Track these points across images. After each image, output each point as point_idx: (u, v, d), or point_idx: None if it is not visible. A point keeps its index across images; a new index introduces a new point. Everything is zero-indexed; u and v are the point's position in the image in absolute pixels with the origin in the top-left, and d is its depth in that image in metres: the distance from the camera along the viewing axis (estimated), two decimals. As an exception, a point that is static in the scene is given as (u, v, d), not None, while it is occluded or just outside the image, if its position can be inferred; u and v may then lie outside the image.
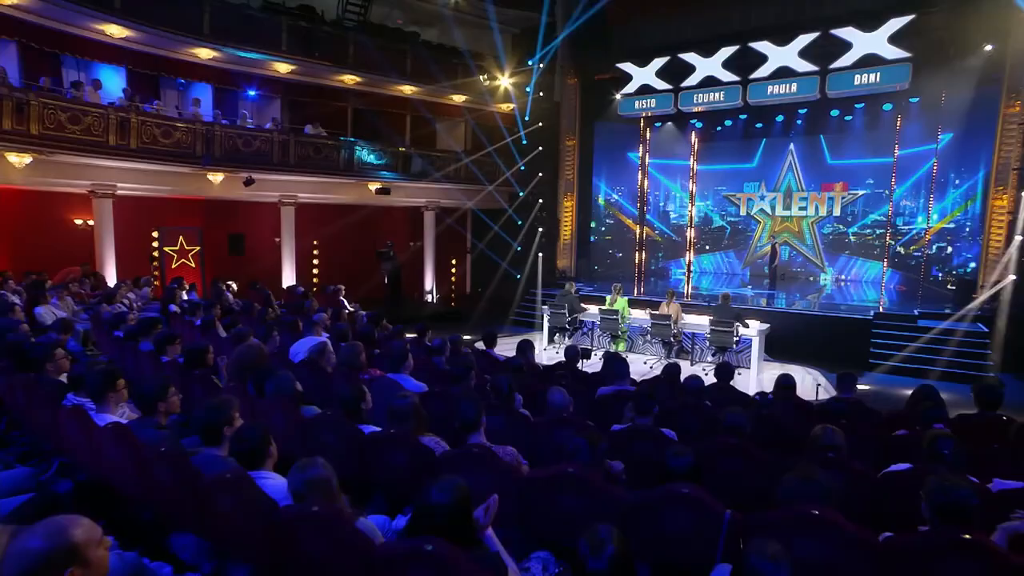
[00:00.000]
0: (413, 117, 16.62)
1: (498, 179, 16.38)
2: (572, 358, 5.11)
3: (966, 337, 9.68)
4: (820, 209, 15.83)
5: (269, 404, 3.16)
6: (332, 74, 14.31)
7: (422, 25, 16.33)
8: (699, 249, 17.54)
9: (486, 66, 16.03)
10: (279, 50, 12.74)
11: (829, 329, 10.24)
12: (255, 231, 14.69)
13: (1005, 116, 11.07)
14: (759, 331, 8.31)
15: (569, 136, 15.98)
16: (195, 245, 13.91)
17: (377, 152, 14.68)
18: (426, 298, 17.34)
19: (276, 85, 14.22)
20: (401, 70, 14.91)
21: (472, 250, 18.27)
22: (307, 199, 14.39)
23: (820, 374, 8.74)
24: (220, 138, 11.98)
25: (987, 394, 3.75)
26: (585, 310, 9.86)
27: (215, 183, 12.62)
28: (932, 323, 10.09)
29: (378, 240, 15.17)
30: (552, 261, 15.87)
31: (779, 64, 11.90)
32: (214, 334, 5.58)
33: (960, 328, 9.90)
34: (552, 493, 2.28)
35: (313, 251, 15.15)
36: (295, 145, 13.23)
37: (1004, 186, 11.10)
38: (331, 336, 5.88)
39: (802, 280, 15.93)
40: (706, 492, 2.07)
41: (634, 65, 13.83)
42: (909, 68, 10.83)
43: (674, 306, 8.83)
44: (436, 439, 2.96)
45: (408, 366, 3.95)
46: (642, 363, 9.04)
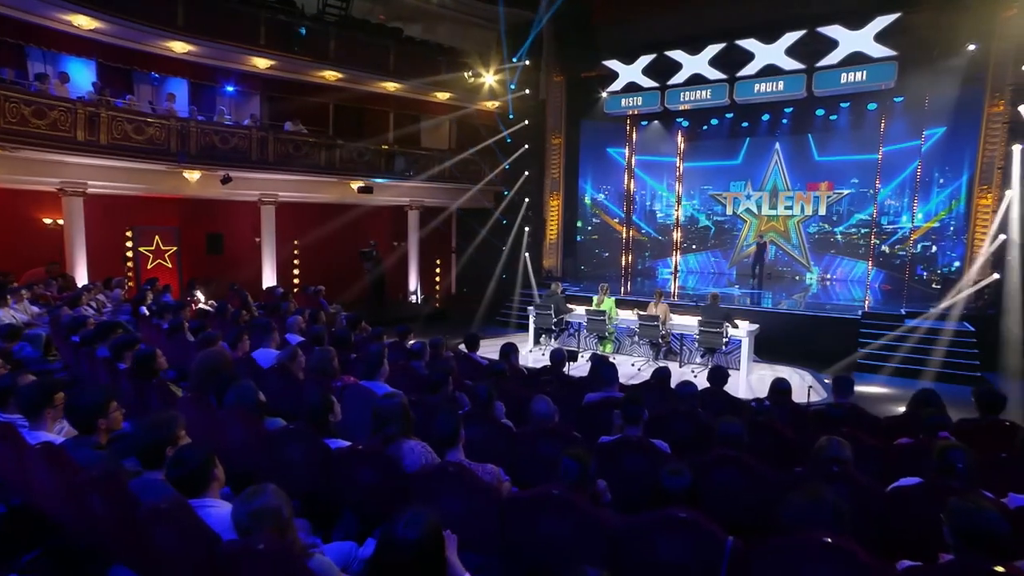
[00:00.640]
0: (396, 115, 16.32)
1: (483, 178, 16.15)
2: (558, 362, 4.89)
3: (953, 336, 9.65)
4: (806, 208, 15.86)
5: (229, 416, 2.91)
6: (312, 70, 13.97)
7: (405, 21, 16.03)
8: (685, 249, 17.51)
9: (470, 63, 15.78)
10: (257, 44, 12.37)
11: (817, 329, 10.18)
12: (234, 231, 14.31)
13: (989, 115, 11.11)
14: (748, 332, 8.17)
15: (555, 134, 15.79)
16: (172, 245, 13.52)
17: (359, 150, 14.36)
18: (411, 299, 17.06)
19: (255, 81, 13.85)
20: (383, 66, 14.60)
21: (457, 250, 18.02)
22: (288, 198, 14.05)
23: (810, 375, 8.63)
24: (196, 135, 11.60)
25: (988, 398, 3.60)
26: (571, 311, 9.67)
27: (192, 181, 12.23)
28: (919, 323, 10.05)
29: (361, 240, 14.87)
30: (538, 261, 15.68)
31: (766, 62, 11.85)
32: (182, 339, 5.29)
33: (947, 327, 9.87)
34: (534, 517, 2.07)
35: (294, 251, 14.78)
36: (274, 142, 12.88)
37: (988, 185, 11.14)
38: (307, 339, 5.62)
39: (788, 279, 15.95)
40: (705, 517, 1.86)
41: (620, 63, 13.69)
42: (895, 67, 10.83)
43: (662, 307, 8.67)
44: (423, 446, 2.74)
45: (383, 372, 3.71)
46: (630, 365, 8.86)
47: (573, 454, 2.18)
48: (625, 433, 2.87)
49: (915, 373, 9.18)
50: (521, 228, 15.01)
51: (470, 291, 17.19)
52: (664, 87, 13.22)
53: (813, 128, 15.08)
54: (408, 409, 2.84)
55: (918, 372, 9.17)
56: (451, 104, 16.65)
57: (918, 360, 9.41)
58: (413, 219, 16.78)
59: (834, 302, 12.66)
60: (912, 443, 3.00)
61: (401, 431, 2.75)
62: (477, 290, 16.19)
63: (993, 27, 10.64)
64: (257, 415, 2.89)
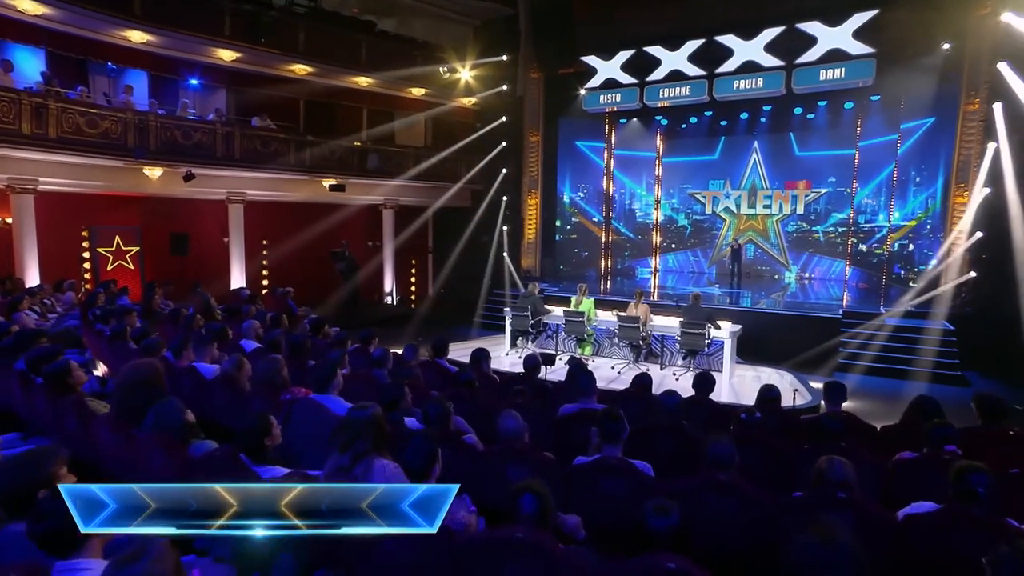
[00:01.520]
0: (370, 111, 15.86)
1: (460, 176, 15.78)
2: (531, 369, 4.55)
3: (933, 335, 9.59)
4: (784, 207, 15.84)
5: (148, 440, 2.52)
6: (281, 63, 13.45)
7: (379, 15, 15.56)
8: (665, 248, 17.38)
9: (446, 58, 15.41)
10: (221, 35, 11.83)
11: (798, 328, 10.05)
12: (201, 230, 13.71)
13: (965, 114, 11.14)
14: (731, 333, 7.95)
15: (532, 132, 15.51)
16: (133, 245, 12.91)
17: (330, 147, 13.88)
18: (386, 300, 16.62)
19: (220, 74, 13.28)
20: (355, 60, 14.15)
21: (435, 250, 17.61)
22: (257, 196, 13.51)
23: (794, 376, 8.45)
24: (155, 129, 11.02)
25: (990, 405, 3.37)
26: (549, 312, 9.36)
27: (153, 179, 11.63)
28: (899, 321, 9.98)
29: (334, 240, 14.38)
30: (517, 261, 15.37)
31: (745, 58, 11.75)
32: (123, 346, 4.84)
33: (927, 326, 9.82)
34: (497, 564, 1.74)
35: (263, 251, 14.23)
36: (240, 138, 12.33)
37: (965, 183, 11.15)
38: (263, 345, 5.22)
39: (767, 278, 15.93)
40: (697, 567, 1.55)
41: (599, 59, 13.47)
42: (873, 64, 10.80)
43: (642, 307, 8.40)
44: (396, 467, 2.39)
45: (336, 384, 3.34)
46: (610, 368, 8.58)
47: (529, 488, 1.87)
48: (603, 453, 2.56)
49: (897, 372, 9.08)
50: (500, 227, 14.68)
51: (449, 292, 16.80)
52: (643, 83, 13.04)
53: (791, 127, 15.09)
54: (382, 423, 2.50)
55: (900, 371, 9.08)
56: (426, 100, 16.25)
57: (899, 359, 9.33)
58: (388, 218, 16.34)
59: (813, 301, 12.60)
60: (916, 458, 2.74)
61: (373, 447, 2.41)
62: (456, 291, 15.81)
63: (968, 25, 10.69)
64: (180, 439, 2.50)
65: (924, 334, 9.65)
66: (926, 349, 9.29)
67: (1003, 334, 9.52)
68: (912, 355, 9.32)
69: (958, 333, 9.69)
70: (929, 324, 9.87)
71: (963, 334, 9.68)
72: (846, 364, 9.43)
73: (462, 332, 12.17)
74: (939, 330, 9.71)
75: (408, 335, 10.41)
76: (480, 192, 16.00)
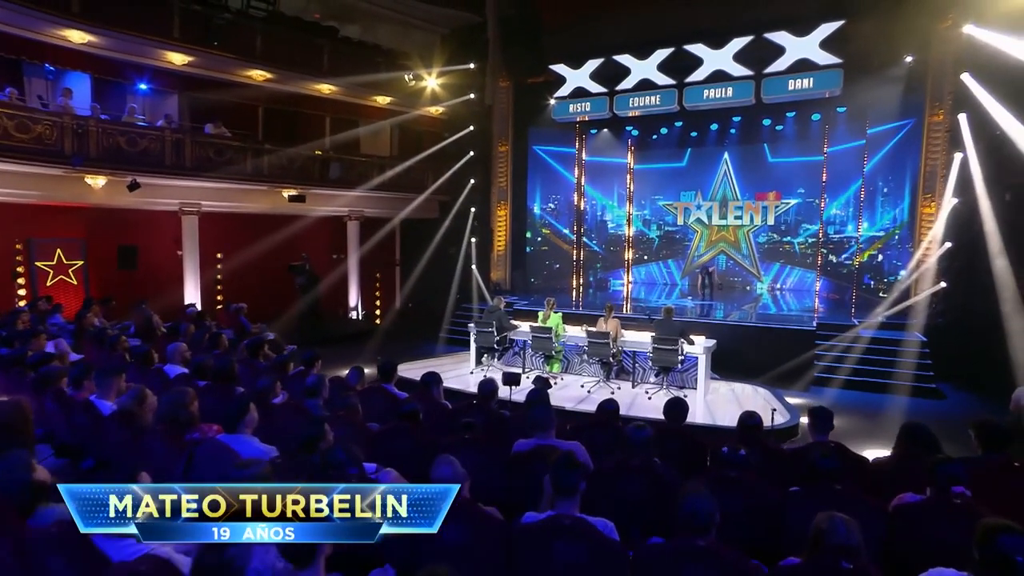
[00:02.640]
0: (333, 119, 15.30)
1: (427, 187, 15.31)
2: (486, 395, 4.07)
3: (906, 347, 9.45)
4: (755, 218, 15.81)
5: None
6: (238, 68, 12.83)
7: (342, 21, 15.09)
8: (637, 259, 17.19)
9: (412, 66, 14.99)
10: (170, 37, 11.18)
11: (772, 341, 9.81)
12: (152, 243, 12.94)
13: (930, 124, 11.20)
14: (705, 348, 7.60)
15: (501, 142, 15.17)
16: (77, 259, 12.10)
17: (289, 156, 13.28)
18: (351, 315, 15.98)
19: (172, 78, 12.58)
20: (316, 66, 13.61)
21: (403, 263, 17.05)
22: (212, 207, 12.81)
23: (770, 392, 8.14)
24: (96, 135, 10.29)
25: (991, 432, 3.03)
26: (515, 327, 8.92)
27: (96, 188, 10.87)
28: (873, 333, 9.83)
29: (296, 253, 13.71)
30: (486, 273, 14.93)
31: (715, 67, 11.66)
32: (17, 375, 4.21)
33: (900, 338, 9.68)
34: None
35: (217, 265, 13.49)
36: (192, 146, 11.66)
37: (932, 194, 11.19)
38: (190, 371, 4.64)
39: (739, 289, 15.84)
40: None
41: (567, 67, 13.23)
42: (841, 74, 10.81)
43: (612, 322, 8.01)
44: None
45: (248, 422, 2.83)
46: (579, 386, 8.15)
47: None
48: (557, 510, 2.11)
49: (874, 386, 8.89)
50: (467, 239, 14.23)
51: (417, 306, 16.24)
52: (612, 92, 12.84)
53: (761, 138, 15.15)
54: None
55: (876, 385, 8.88)
56: (392, 109, 15.77)
57: (875, 372, 9.14)
58: (353, 230, 15.76)
59: (786, 313, 12.45)
60: (922, 502, 2.36)
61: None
62: (424, 305, 15.26)
63: (931, 37, 10.77)
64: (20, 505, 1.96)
65: (898, 346, 9.52)
66: (901, 361, 9.13)
67: (975, 345, 9.45)
68: (887, 367, 9.15)
69: (931, 344, 9.57)
70: (903, 336, 9.75)
71: (936, 345, 9.57)
72: (822, 378, 9.20)
73: (427, 348, 11.64)
74: (913, 342, 9.58)
75: (369, 352, 9.86)
76: (448, 203, 15.54)
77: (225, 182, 12.43)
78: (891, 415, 7.43)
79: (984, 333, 9.16)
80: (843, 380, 9.04)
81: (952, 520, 2.20)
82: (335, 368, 10.04)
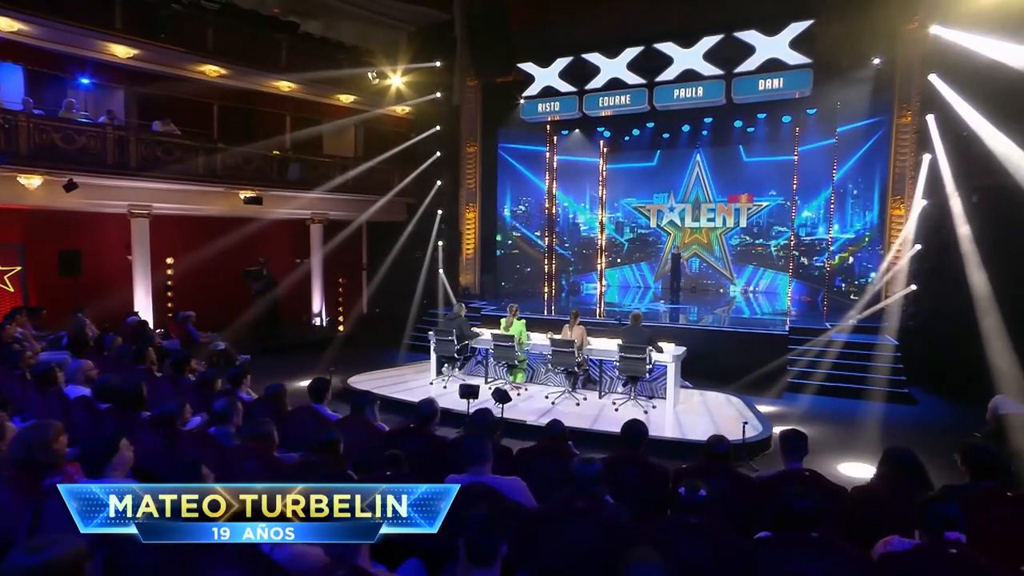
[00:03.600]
0: (294, 118, 14.70)
1: (393, 188, 14.79)
2: (426, 418, 3.60)
3: (880, 351, 9.27)
4: (728, 220, 15.68)
5: None
6: (189, 63, 12.17)
7: (303, 16, 14.47)
8: (611, 262, 16.93)
9: (377, 64, 14.47)
10: (111, 28, 10.49)
11: (745, 346, 9.55)
12: (99, 248, 12.19)
13: (898, 126, 11.13)
14: (675, 356, 7.24)
15: (470, 142, 14.73)
16: (14, 265, 11.33)
17: (245, 155, 12.64)
18: (315, 321, 15.36)
19: (117, 73, 11.88)
20: (274, 62, 13.02)
21: (369, 266, 16.47)
22: (164, 210, 12.12)
23: (742, 400, 7.84)
24: (27, 131, 9.57)
25: (981, 458, 2.70)
26: (477, 335, 8.47)
27: (32, 188, 10.13)
28: (847, 337, 9.65)
29: (255, 257, 13.04)
30: (454, 277, 14.45)
31: (685, 67, 11.43)
32: None
33: (874, 341, 9.51)
34: None
35: (167, 271, 12.77)
36: (137, 144, 10.97)
37: (901, 196, 11.11)
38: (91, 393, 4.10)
39: (712, 292, 15.67)
40: None
41: (536, 66, 12.88)
42: (810, 74, 10.66)
43: (578, 329, 7.61)
44: None
45: (120, 463, 2.34)
46: (544, 397, 7.73)
47: None
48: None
49: (848, 391, 8.68)
50: (433, 242, 13.74)
51: (384, 311, 15.68)
52: (582, 92, 12.52)
53: (732, 139, 15.07)
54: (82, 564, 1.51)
55: (850, 390, 8.67)
56: (356, 108, 15.24)
57: (849, 377, 8.94)
58: (316, 233, 15.16)
59: (759, 316, 12.26)
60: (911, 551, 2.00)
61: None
62: (391, 310, 14.70)
63: (898, 38, 10.72)
64: None
65: (871, 350, 9.35)
66: (874, 366, 8.94)
67: (945, 347, 9.33)
68: (860, 372, 8.95)
69: (903, 348, 9.42)
70: (876, 339, 9.59)
71: (907, 349, 9.43)
72: (795, 384, 8.95)
73: (389, 356, 11.11)
74: (885, 346, 9.42)
75: (325, 361, 9.31)
76: (415, 205, 15.04)
77: (176, 183, 11.77)
78: (865, 423, 7.20)
79: (954, 335, 9.03)
80: (816, 386, 8.81)
81: (947, 573, 1.84)
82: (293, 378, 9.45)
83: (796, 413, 7.70)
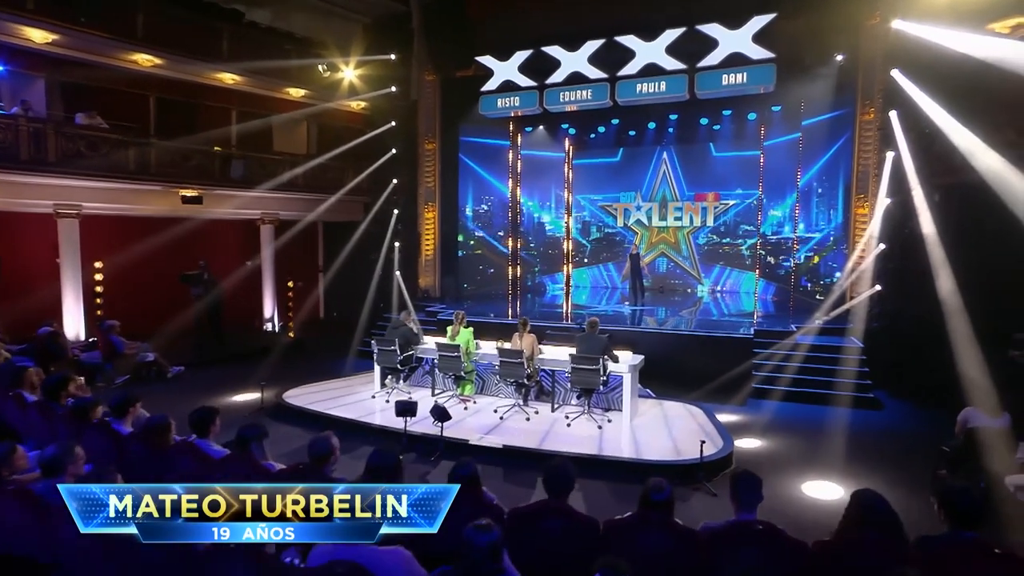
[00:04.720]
0: (240, 112, 13.88)
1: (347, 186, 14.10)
2: (319, 458, 2.97)
3: (845, 354, 8.99)
4: (695, 219, 15.41)
5: None
6: (118, 51, 11.31)
7: (248, 5, 13.67)
8: (577, 263, 16.50)
9: (329, 56, 13.76)
10: (22, 9, 9.61)
11: (709, 350, 9.16)
12: (21, 251, 11.27)
13: (861, 123, 10.97)
14: (631, 366, 6.75)
15: (428, 139, 14.10)
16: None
17: (182, 151, 11.82)
18: (266, 327, 14.57)
19: (35, 60, 10.94)
20: (214, 52, 12.23)
21: (326, 268, 15.71)
22: (95, 210, 11.25)
23: (704, 412, 7.42)
24: (-76, 123, 8.67)
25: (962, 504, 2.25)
26: (423, 343, 7.89)
27: (-64, 186, 9.22)
28: (812, 339, 9.34)
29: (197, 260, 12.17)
30: (413, 279, 13.80)
31: (647, 60, 11.02)
32: None
33: (840, 344, 9.23)
34: None
35: (94, 276, 11.85)
36: (57, 137, 10.10)
37: (865, 194, 10.93)
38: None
39: (680, 292, 15.38)
40: None
41: (495, 59, 12.31)
42: (774, 69, 10.36)
43: (528, 338, 7.07)
44: None
45: None
46: (492, 411, 7.17)
47: None
48: None
49: (813, 397, 8.34)
50: (388, 243, 13.08)
51: (341, 315, 14.94)
52: (543, 86, 12.00)
53: (698, 137, 14.82)
54: None
55: (816, 396, 8.34)
56: (307, 102, 14.50)
57: (814, 382, 8.61)
58: (267, 234, 14.41)
59: (725, 318, 11.94)
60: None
61: None
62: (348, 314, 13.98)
63: (860, 33, 10.54)
64: None
65: (836, 353, 9.07)
66: (839, 370, 8.64)
67: (909, 349, 9.10)
68: (826, 376, 8.63)
69: (868, 351, 9.16)
70: (841, 342, 9.31)
71: (872, 351, 9.18)
72: (760, 390, 8.59)
73: (335, 366, 10.42)
74: (851, 348, 9.15)
75: (260, 373, 8.56)
76: (372, 205, 14.35)
77: (105, 180, 10.93)
78: (831, 432, 6.84)
79: (918, 336, 8.81)
80: (782, 391, 8.46)
81: None
82: (230, 392, 8.70)
83: (760, 422, 7.31)
